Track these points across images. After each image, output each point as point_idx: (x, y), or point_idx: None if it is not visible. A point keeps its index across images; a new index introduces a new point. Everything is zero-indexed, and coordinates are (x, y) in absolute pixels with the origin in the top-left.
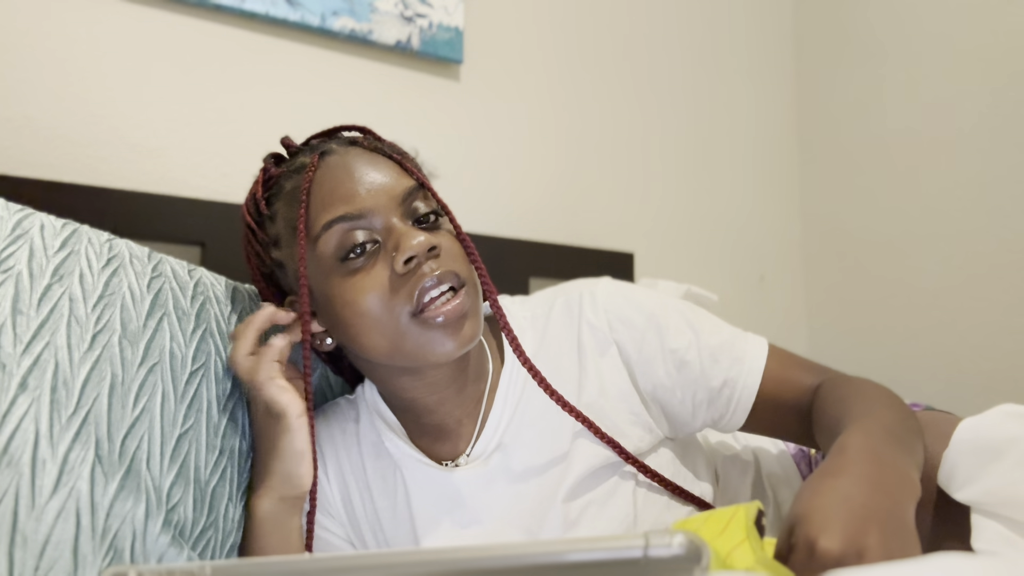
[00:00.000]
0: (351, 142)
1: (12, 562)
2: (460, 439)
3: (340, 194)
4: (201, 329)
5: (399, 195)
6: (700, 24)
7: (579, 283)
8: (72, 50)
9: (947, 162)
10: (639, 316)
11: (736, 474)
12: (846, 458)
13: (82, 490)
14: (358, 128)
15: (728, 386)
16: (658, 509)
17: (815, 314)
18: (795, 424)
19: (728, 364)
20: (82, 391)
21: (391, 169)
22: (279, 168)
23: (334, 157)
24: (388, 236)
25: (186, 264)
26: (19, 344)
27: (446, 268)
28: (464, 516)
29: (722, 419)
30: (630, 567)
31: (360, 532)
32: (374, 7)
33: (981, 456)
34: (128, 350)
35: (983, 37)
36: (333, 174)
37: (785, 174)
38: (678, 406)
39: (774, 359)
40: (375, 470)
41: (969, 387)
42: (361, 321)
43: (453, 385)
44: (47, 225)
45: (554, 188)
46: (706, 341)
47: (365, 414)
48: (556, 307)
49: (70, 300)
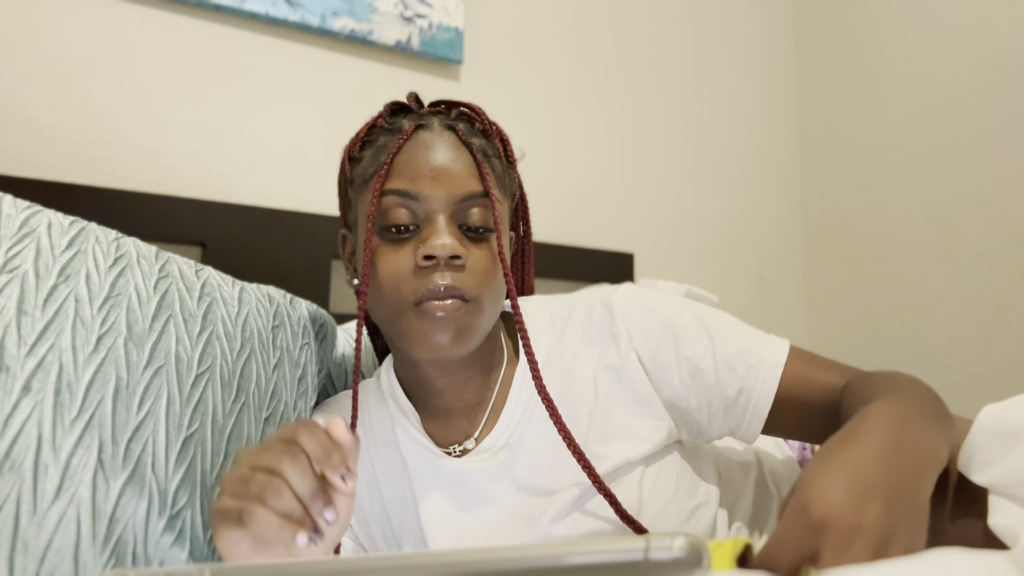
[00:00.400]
0: (450, 126)
1: (12, 567)
2: (468, 424)
3: (409, 170)
4: (208, 332)
5: (458, 195)
6: (700, 24)
7: (599, 289)
8: (73, 51)
9: (947, 162)
10: (655, 324)
11: (739, 473)
12: (866, 423)
13: (84, 495)
14: (472, 110)
15: (743, 395)
16: None
17: (815, 314)
18: (821, 425)
19: (744, 372)
20: (86, 394)
21: (467, 168)
22: (385, 121)
23: (427, 134)
24: (427, 226)
25: (193, 264)
26: (23, 346)
27: (460, 284)
28: (468, 502)
29: (739, 428)
30: (631, 570)
31: (367, 526)
32: (374, 7)
33: (1003, 440)
34: (133, 352)
35: (984, 37)
36: (415, 149)
37: (785, 174)
38: (695, 413)
39: (797, 361)
40: (382, 460)
41: (970, 387)
42: (376, 286)
43: (464, 372)
44: (55, 223)
45: (554, 188)
46: (721, 349)
47: (377, 403)
48: (576, 312)
49: (76, 301)
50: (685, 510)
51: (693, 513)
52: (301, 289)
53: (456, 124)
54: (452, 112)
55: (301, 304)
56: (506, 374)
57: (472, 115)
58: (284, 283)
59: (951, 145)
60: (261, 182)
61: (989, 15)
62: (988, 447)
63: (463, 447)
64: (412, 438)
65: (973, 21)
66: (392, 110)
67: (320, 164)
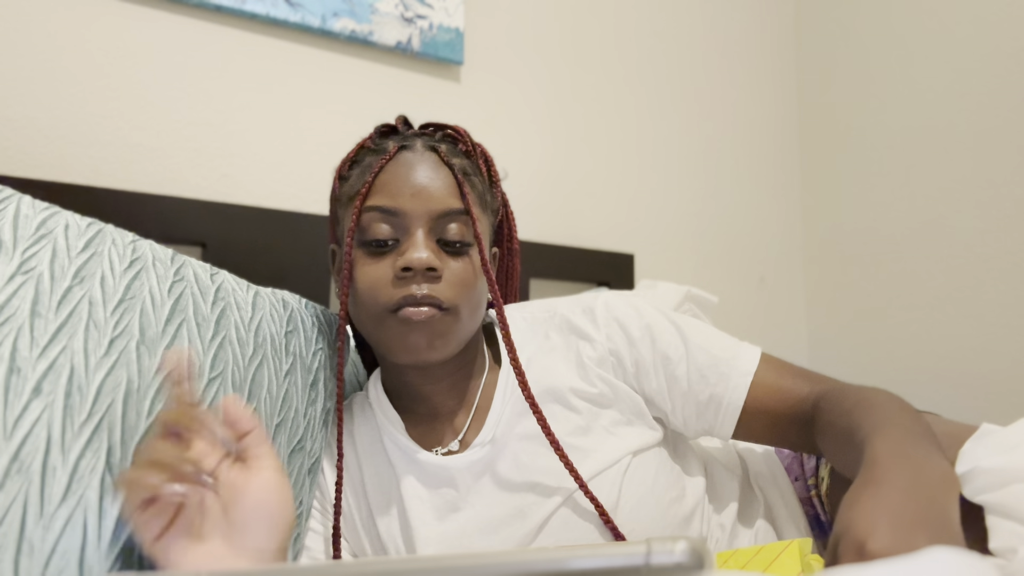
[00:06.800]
0: (433, 147)
1: (18, 570)
2: (453, 428)
3: (390, 188)
4: (220, 336)
5: (436, 212)
6: (701, 25)
7: (580, 297)
8: (74, 51)
9: (949, 164)
10: (635, 328)
11: (725, 475)
12: (881, 467)
13: (91, 499)
14: (457, 131)
15: (714, 401)
16: None
17: (815, 315)
18: (793, 434)
19: (715, 380)
20: (96, 397)
21: (446, 185)
22: (372, 142)
23: (408, 154)
24: (406, 240)
25: (209, 268)
26: (36, 348)
27: (437, 293)
28: (454, 502)
29: (712, 430)
30: (632, 575)
31: (356, 533)
32: (374, 8)
33: (999, 458)
34: (145, 356)
35: (984, 37)
36: (397, 168)
37: (786, 175)
38: (670, 415)
39: (768, 370)
40: (370, 468)
41: (970, 389)
42: (356, 294)
43: (447, 379)
44: (72, 225)
45: (555, 189)
46: (695, 356)
47: (364, 414)
48: (557, 317)
49: (90, 303)
50: (664, 501)
51: (671, 505)
52: (301, 289)
53: (439, 145)
54: (437, 134)
55: (315, 308)
56: (488, 379)
57: (456, 136)
58: (284, 283)
59: (951, 145)
60: (261, 182)
61: (989, 15)
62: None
63: (448, 448)
64: (397, 443)
65: (973, 21)
66: (381, 132)
67: (320, 164)
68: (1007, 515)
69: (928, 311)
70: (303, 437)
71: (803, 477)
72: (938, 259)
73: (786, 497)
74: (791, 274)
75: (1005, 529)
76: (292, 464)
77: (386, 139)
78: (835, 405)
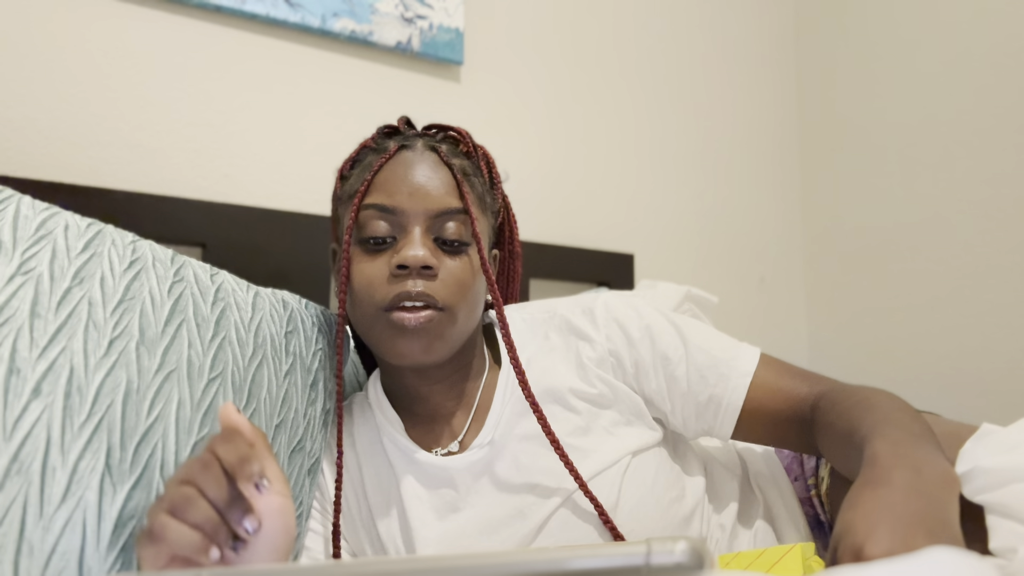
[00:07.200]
0: (433, 147)
1: (17, 570)
2: (452, 429)
3: (389, 186)
4: (220, 337)
5: (434, 210)
6: (701, 25)
7: (579, 297)
8: (74, 51)
9: (949, 164)
10: (635, 328)
11: (725, 475)
12: (881, 468)
13: (90, 500)
14: (458, 132)
15: (713, 402)
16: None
17: (815, 315)
18: (793, 434)
19: (714, 381)
20: (96, 397)
21: (445, 185)
22: (374, 142)
23: (408, 153)
24: (403, 238)
25: (209, 268)
26: (35, 348)
27: (432, 292)
28: (454, 502)
29: (711, 431)
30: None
31: (356, 534)
32: (374, 8)
33: (999, 458)
34: (145, 357)
35: (984, 37)
36: (396, 167)
37: (786, 175)
38: (669, 415)
39: (767, 371)
40: (370, 468)
41: (970, 389)
42: (352, 291)
43: (446, 380)
44: (71, 225)
45: (555, 189)
46: (694, 357)
47: (363, 414)
48: (557, 317)
49: (89, 304)
50: (664, 501)
51: (671, 505)
52: (301, 289)
53: (439, 145)
54: (438, 135)
55: (316, 309)
56: (488, 380)
57: (457, 137)
58: (284, 283)
59: (951, 145)
60: (261, 182)
61: (989, 15)
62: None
63: (448, 449)
64: (396, 443)
65: (973, 21)
66: (383, 132)
67: (320, 165)
68: (1007, 515)
69: (928, 311)
70: (303, 437)
71: (803, 477)
72: (938, 259)
73: (786, 497)
74: (791, 274)
75: (1005, 529)
76: (292, 464)
77: (388, 139)
78: (834, 405)
